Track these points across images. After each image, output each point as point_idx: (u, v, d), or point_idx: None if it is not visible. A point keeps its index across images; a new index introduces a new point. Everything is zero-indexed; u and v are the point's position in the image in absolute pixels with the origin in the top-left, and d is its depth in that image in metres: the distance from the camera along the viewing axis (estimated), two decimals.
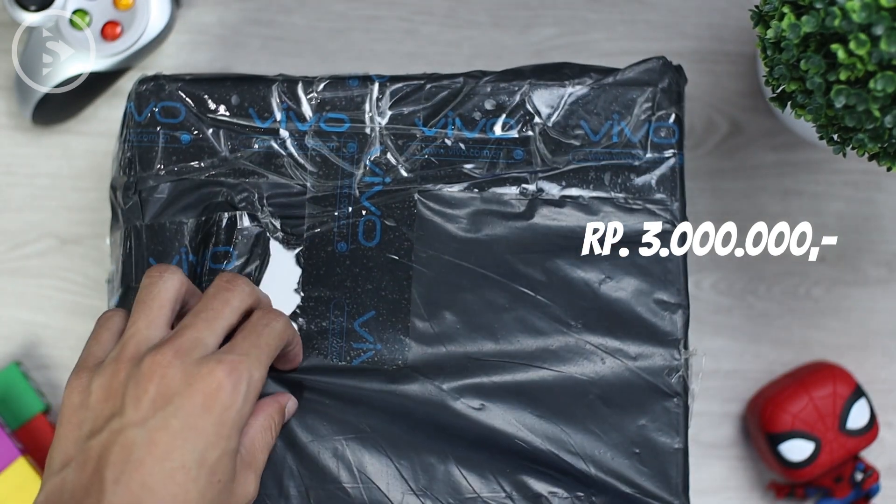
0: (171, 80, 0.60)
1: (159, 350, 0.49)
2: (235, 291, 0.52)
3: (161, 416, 0.47)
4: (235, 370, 0.49)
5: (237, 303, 0.52)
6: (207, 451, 0.48)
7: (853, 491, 0.68)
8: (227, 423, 0.48)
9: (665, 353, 0.58)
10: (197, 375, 0.48)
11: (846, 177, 0.71)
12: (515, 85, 0.59)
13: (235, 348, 0.50)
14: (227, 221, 0.58)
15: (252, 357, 0.50)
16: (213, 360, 0.49)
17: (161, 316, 0.51)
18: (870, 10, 0.48)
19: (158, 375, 0.48)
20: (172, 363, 0.48)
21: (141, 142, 0.59)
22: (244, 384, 0.49)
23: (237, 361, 0.49)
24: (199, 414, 0.47)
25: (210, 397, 0.48)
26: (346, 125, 0.59)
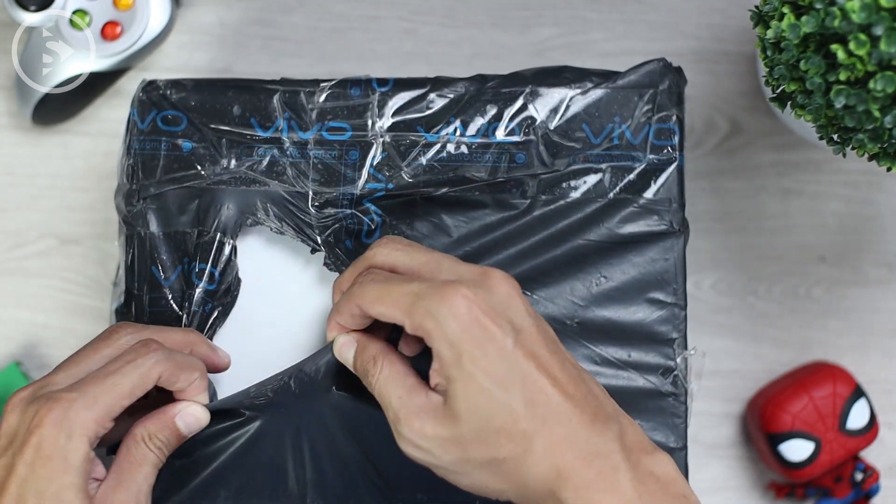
0: (173, 88, 0.59)
1: (16, 393, 0.51)
2: (110, 340, 0.53)
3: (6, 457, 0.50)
4: (59, 408, 0.49)
5: (109, 351, 0.53)
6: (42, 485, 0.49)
7: (853, 491, 0.68)
8: (55, 458, 0.49)
9: (660, 353, 0.58)
10: (27, 414, 0.50)
11: (846, 177, 0.71)
12: (517, 89, 0.59)
13: (76, 386, 0.50)
14: (217, 243, 0.58)
15: (87, 396, 0.50)
16: (42, 400, 0.50)
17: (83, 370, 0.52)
18: (870, 10, 0.48)
19: (6, 416, 0.50)
20: (17, 405, 0.50)
21: (143, 149, 0.59)
22: (66, 423, 0.49)
23: (65, 399, 0.49)
24: (32, 451, 0.49)
25: (38, 437, 0.49)
26: (348, 133, 0.59)
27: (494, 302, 0.49)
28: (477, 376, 0.47)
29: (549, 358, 0.49)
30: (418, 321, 0.49)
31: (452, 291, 0.48)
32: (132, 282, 0.59)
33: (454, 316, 0.48)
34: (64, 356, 0.69)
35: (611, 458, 0.47)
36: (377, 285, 0.51)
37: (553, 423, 0.47)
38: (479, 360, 0.47)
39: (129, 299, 0.59)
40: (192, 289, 0.58)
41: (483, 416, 0.47)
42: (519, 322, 0.49)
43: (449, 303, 0.48)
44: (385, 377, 0.51)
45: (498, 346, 0.48)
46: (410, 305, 0.49)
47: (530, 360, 0.48)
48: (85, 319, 0.69)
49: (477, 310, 0.48)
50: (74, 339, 0.69)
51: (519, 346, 0.48)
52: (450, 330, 0.48)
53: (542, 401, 0.48)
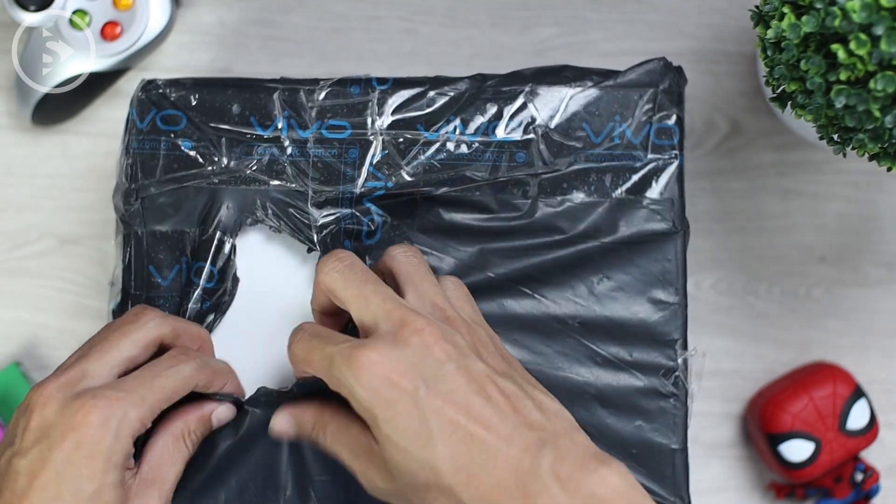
0: (172, 87, 0.59)
1: (45, 382, 0.50)
2: (138, 324, 0.53)
3: (38, 448, 0.49)
4: (107, 408, 0.49)
5: (139, 335, 0.52)
6: (83, 484, 0.48)
7: (853, 491, 0.68)
8: (99, 458, 0.49)
9: (662, 353, 0.58)
10: (70, 409, 0.49)
11: (846, 177, 0.71)
12: (517, 88, 0.59)
13: (121, 384, 0.50)
14: (217, 242, 0.58)
15: (134, 396, 0.50)
16: (88, 395, 0.49)
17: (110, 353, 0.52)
18: (870, 10, 0.48)
19: (39, 407, 0.49)
20: (53, 396, 0.49)
21: (143, 149, 0.59)
22: (114, 422, 0.49)
23: (113, 399, 0.49)
24: (71, 448, 0.48)
25: (81, 434, 0.48)
26: (348, 132, 0.59)
27: (404, 357, 0.48)
28: (393, 437, 0.47)
29: (471, 399, 0.47)
30: (336, 387, 0.49)
31: (358, 357, 0.48)
32: (129, 281, 0.59)
33: (361, 384, 0.47)
34: (64, 356, 0.69)
35: (544, 493, 0.45)
36: (304, 346, 0.51)
37: (478, 473, 0.46)
38: (391, 420, 0.47)
39: (126, 299, 0.59)
40: (190, 287, 0.58)
41: (409, 475, 0.47)
42: (432, 372, 0.48)
43: (355, 371, 0.47)
44: (331, 437, 0.52)
45: (408, 403, 0.47)
46: (327, 371, 0.49)
47: (448, 408, 0.47)
48: (85, 320, 0.69)
49: (383, 370, 0.47)
50: (74, 339, 0.69)
51: (432, 397, 0.47)
52: (361, 398, 0.47)
53: (463, 451, 0.46)
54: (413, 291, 0.52)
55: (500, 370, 0.50)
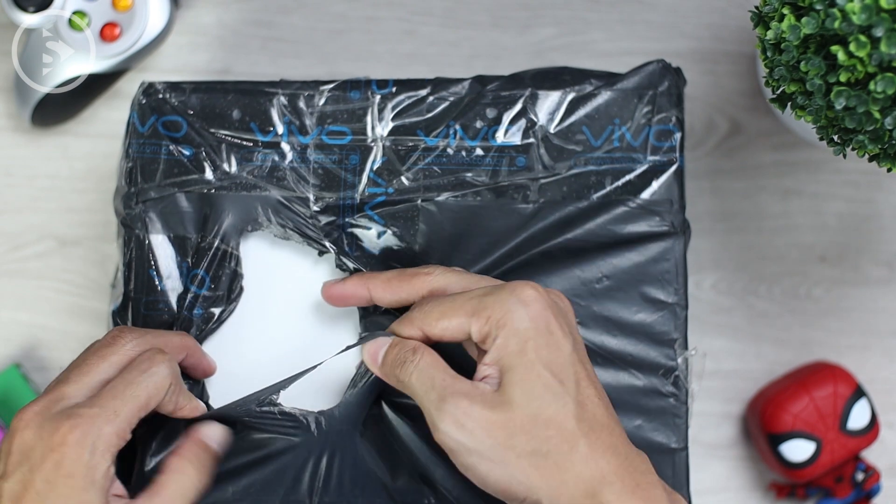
0: (172, 92, 0.59)
1: (26, 407, 0.51)
2: (115, 346, 0.53)
3: (20, 471, 0.49)
4: (82, 425, 0.49)
5: (116, 358, 0.53)
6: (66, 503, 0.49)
7: (854, 491, 0.68)
8: (78, 477, 0.49)
9: (662, 353, 0.58)
10: (46, 430, 0.49)
11: (846, 177, 0.71)
12: (516, 92, 0.59)
13: (95, 400, 0.51)
14: (214, 249, 0.58)
15: (108, 410, 0.50)
16: (63, 416, 0.50)
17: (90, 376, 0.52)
18: (870, 11, 0.48)
19: (20, 431, 0.50)
20: (32, 419, 0.50)
21: (143, 153, 0.59)
22: (90, 439, 0.49)
23: (88, 416, 0.50)
24: (51, 469, 0.49)
25: (59, 454, 0.49)
26: (348, 137, 0.59)
27: (558, 307, 0.51)
28: (538, 365, 0.49)
29: (594, 376, 0.51)
30: (487, 314, 0.50)
31: (521, 286, 0.50)
32: (129, 284, 0.59)
33: (525, 305, 0.49)
34: (64, 357, 0.69)
35: (648, 475, 0.49)
36: (442, 304, 0.52)
37: (598, 430, 0.49)
38: (541, 349, 0.49)
39: (126, 302, 0.59)
40: (186, 294, 0.58)
41: (538, 403, 0.48)
42: (575, 333, 0.51)
43: (520, 294, 0.50)
44: (426, 363, 0.51)
45: (559, 344, 0.49)
46: (478, 305, 0.50)
47: (583, 368, 0.50)
48: (84, 321, 0.69)
49: (545, 305, 0.50)
50: (74, 340, 0.69)
51: (576, 352, 0.50)
52: (519, 318, 0.49)
53: (590, 407, 0.49)
54: None
55: None
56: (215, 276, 0.58)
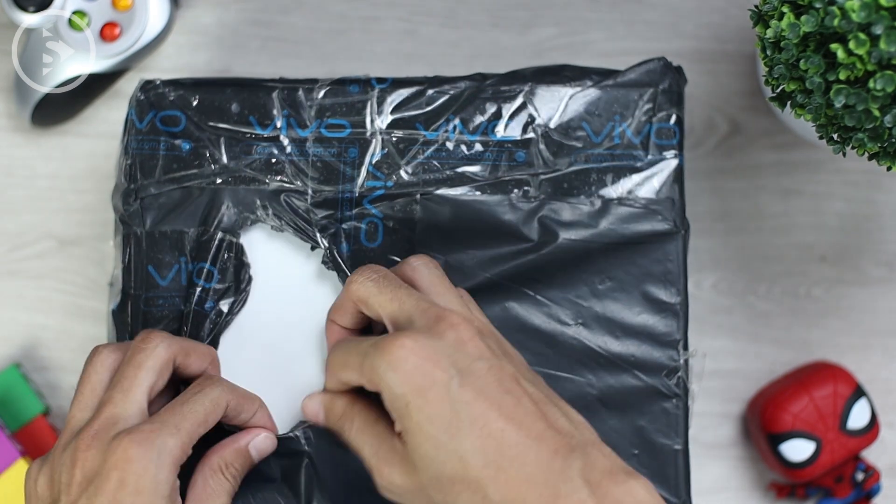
0: (171, 87, 0.59)
1: (81, 435, 0.50)
2: (148, 352, 0.53)
3: (86, 496, 0.49)
4: (146, 440, 0.49)
5: (152, 363, 0.52)
6: None
7: (854, 491, 0.68)
8: (145, 491, 0.49)
9: (664, 353, 0.58)
10: (110, 453, 0.49)
11: (846, 176, 0.71)
12: (516, 87, 0.59)
13: (154, 418, 0.51)
14: (217, 242, 0.58)
15: (168, 425, 0.50)
16: (124, 434, 0.50)
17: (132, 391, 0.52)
18: (869, 9, 0.48)
19: (80, 460, 0.50)
20: (91, 445, 0.50)
21: (142, 149, 0.59)
22: (155, 453, 0.49)
23: (149, 431, 0.50)
24: (116, 489, 0.49)
25: (123, 471, 0.49)
26: (347, 131, 0.59)
27: (439, 347, 0.48)
28: (424, 425, 0.47)
29: (503, 396, 0.48)
30: (368, 378, 0.50)
31: (391, 344, 0.48)
32: (129, 282, 0.59)
33: (394, 368, 0.48)
34: (64, 357, 0.69)
35: (574, 495, 0.46)
36: (340, 356, 0.52)
37: (507, 468, 0.46)
38: (423, 408, 0.47)
39: (126, 299, 0.59)
40: (192, 288, 0.58)
41: (436, 465, 0.47)
42: (466, 365, 0.48)
43: (388, 357, 0.48)
44: (357, 429, 0.52)
45: (441, 392, 0.47)
46: (361, 365, 0.50)
47: (479, 401, 0.47)
48: (84, 321, 0.69)
49: (417, 358, 0.48)
50: (74, 340, 0.69)
51: (465, 389, 0.47)
52: (393, 383, 0.48)
53: (493, 445, 0.47)
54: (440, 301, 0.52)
55: (528, 378, 0.50)
56: (222, 269, 0.58)
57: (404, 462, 0.49)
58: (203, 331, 0.58)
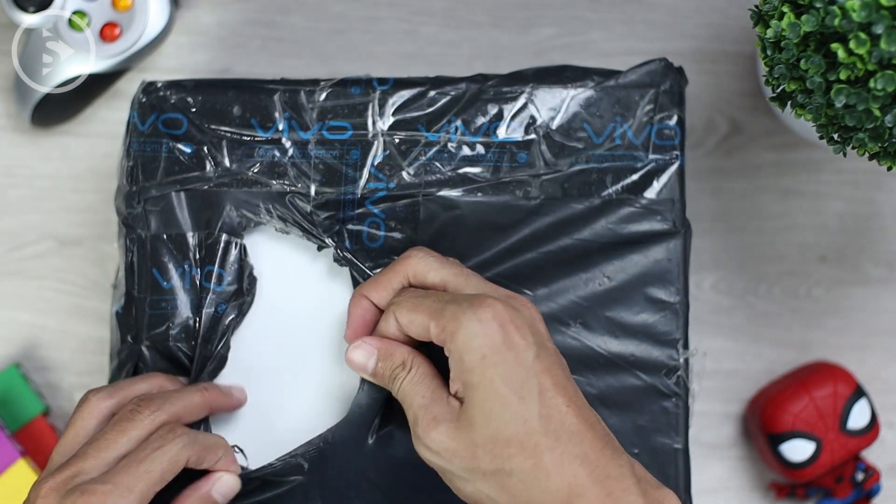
0: (172, 90, 0.59)
1: (42, 481, 0.51)
2: (136, 421, 0.53)
3: None
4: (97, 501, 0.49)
5: (135, 432, 0.53)
6: None
7: (854, 491, 0.68)
8: None
9: (664, 352, 0.58)
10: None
11: (846, 176, 0.71)
12: (518, 88, 0.59)
13: (109, 476, 0.51)
14: (223, 244, 0.58)
15: (121, 486, 0.50)
16: (78, 492, 0.50)
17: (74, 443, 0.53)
18: (870, 9, 0.48)
19: None
20: (49, 495, 0.50)
21: (144, 151, 0.59)
22: None
23: (101, 492, 0.49)
24: None
25: None
26: (349, 132, 0.59)
27: (521, 318, 0.50)
28: (495, 382, 0.48)
29: (566, 381, 0.50)
30: (443, 324, 0.50)
31: (481, 300, 0.49)
32: (132, 284, 0.59)
33: (480, 321, 0.49)
34: (64, 357, 0.69)
35: (622, 481, 0.48)
36: (413, 297, 0.52)
37: (566, 441, 0.48)
38: (499, 365, 0.48)
39: (130, 302, 0.59)
40: (202, 292, 0.58)
41: (497, 424, 0.48)
42: (541, 341, 0.50)
43: (476, 309, 0.49)
44: (412, 379, 0.52)
45: (519, 356, 0.49)
46: (440, 310, 0.50)
47: (548, 377, 0.49)
48: (84, 321, 0.69)
49: (504, 319, 0.49)
50: (74, 340, 0.69)
51: (539, 361, 0.49)
52: (473, 334, 0.49)
53: (557, 417, 0.48)
54: None
55: None
56: (230, 271, 0.58)
57: (457, 420, 0.49)
58: (216, 333, 0.58)
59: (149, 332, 0.58)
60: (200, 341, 0.58)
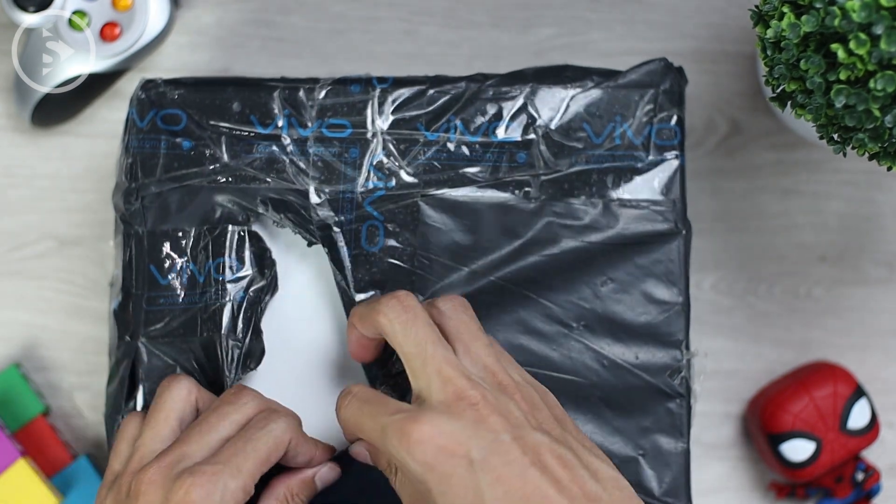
0: (172, 86, 0.59)
1: (147, 467, 0.51)
2: (237, 405, 0.53)
3: None
4: (207, 482, 0.49)
5: (237, 416, 0.53)
6: None
7: (854, 491, 0.68)
8: None
9: (667, 353, 0.58)
10: (172, 490, 0.49)
11: (846, 176, 0.71)
12: (517, 88, 0.59)
13: (217, 457, 0.51)
14: (237, 234, 0.58)
15: (231, 466, 0.50)
16: (187, 474, 0.50)
17: (166, 427, 0.54)
18: (870, 9, 0.48)
19: (143, 493, 0.50)
20: (154, 480, 0.50)
21: (143, 148, 0.59)
22: (217, 496, 0.49)
23: (211, 472, 0.50)
24: None
25: None
26: (349, 131, 0.59)
27: (458, 429, 0.48)
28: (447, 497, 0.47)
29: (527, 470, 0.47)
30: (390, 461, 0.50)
31: (411, 430, 0.48)
32: (130, 281, 0.59)
33: (414, 458, 0.47)
34: (64, 357, 0.69)
35: None
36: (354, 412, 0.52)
37: None
38: (445, 494, 0.47)
39: (128, 298, 0.59)
40: (216, 285, 0.58)
41: None
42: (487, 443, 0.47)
43: (408, 445, 0.48)
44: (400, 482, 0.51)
45: (462, 477, 0.47)
46: (379, 442, 0.49)
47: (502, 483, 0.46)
48: (85, 321, 0.69)
49: (436, 444, 0.47)
50: (74, 340, 0.69)
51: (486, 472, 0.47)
52: (414, 471, 0.48)
53: None
54: (464, 352, 0.51)
55: (555, 436, 0.49)
56: (241, 259, 0.58)
57: None
58: (240, 323, 0.58)
59: (146, 329, 0.58)
60: (225, 333, 0.58)
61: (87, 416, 0.69)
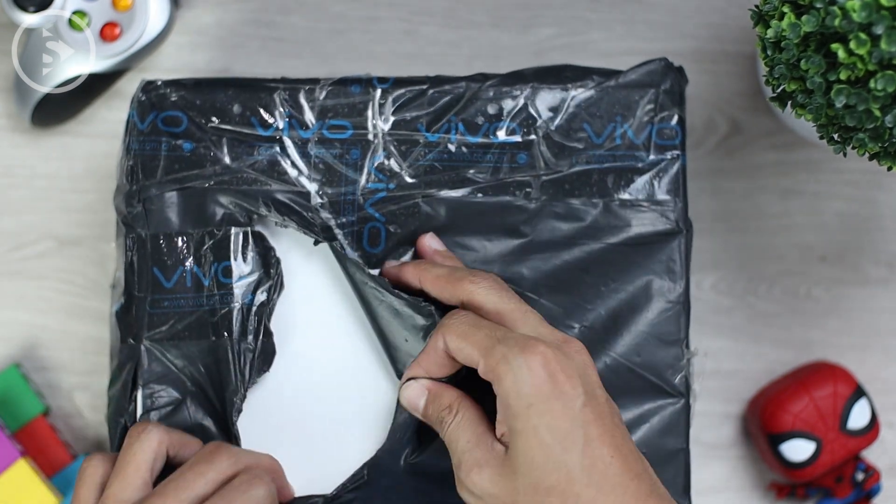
0: (172, 88, 0.59)
1: None
2: (214, 464, 0.53)
3: None
4: None
5: (213, 475, 0.53)
6: None
7: (854, 491, 0.68)
8: None
9: (668, 353, 0.58)
10: None
11: (846, 176, 0.71)
12: (518, 89, 0.59)
13: None
14: (241, 237, 0.58)
15: None
16: None
17: (137, 478, 0.53)
18: (870, 9, 0.48)
19: None
20: None
21: (143, 150, 0.59)
22: None
23: None
24: None
25: None
26: (349, 132, 0.59)
27: (572, 365, 0.49)
28: (540, 431, 0.48)
29: (614, 428, 0.49)
30: (492, 364, 0.49)
31: (533, 344, 0.49)
32: (133, 284, 0.58)
33: (529, 367, 0.48)
34: (64, 357, 0.69)
35: None
36: (466, 324, 0.52)
37: (608, 492, 0.48)
38: (544, 414, 0.48)
39: (130, 301, 0.59)
40: (221, 289, 0.58)
41: (539, 472, 0.48)
42: (591, 389, 0.50)
43: (527, 354, 0.49)
44: (458, 423, 0.51)
45: (566, 405, 0.48)
46: (490, 347, 0.50)
47: (595, 427, 0.49)
48: (84, 321, 0.69)
49: (553, 366, 0.49)
50: (74, 340, 0.69)
51: (587, 411, 0.49)
52: (522, 380, 0.48)
53: (600, 468, 0.48)
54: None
55: None
56: (249, 260, 0.58)
57: (500, 466, 0.49)
58: (250, 325, 0.58)
59: (149, 332, 0.58)
60: (237, 336, 0.57)
61: (86, 416, 0.69)
